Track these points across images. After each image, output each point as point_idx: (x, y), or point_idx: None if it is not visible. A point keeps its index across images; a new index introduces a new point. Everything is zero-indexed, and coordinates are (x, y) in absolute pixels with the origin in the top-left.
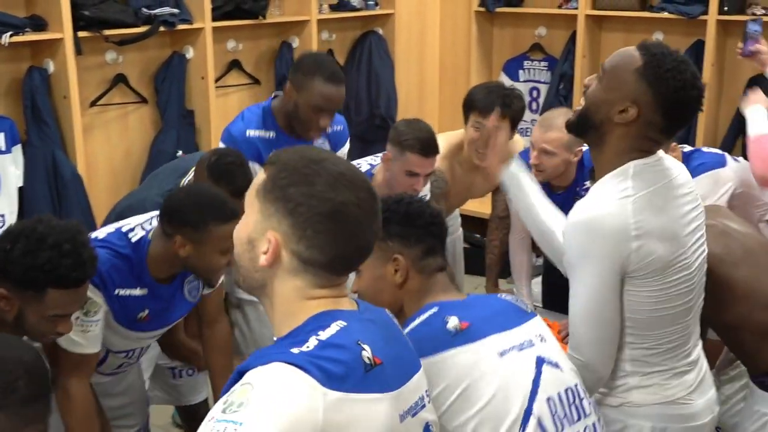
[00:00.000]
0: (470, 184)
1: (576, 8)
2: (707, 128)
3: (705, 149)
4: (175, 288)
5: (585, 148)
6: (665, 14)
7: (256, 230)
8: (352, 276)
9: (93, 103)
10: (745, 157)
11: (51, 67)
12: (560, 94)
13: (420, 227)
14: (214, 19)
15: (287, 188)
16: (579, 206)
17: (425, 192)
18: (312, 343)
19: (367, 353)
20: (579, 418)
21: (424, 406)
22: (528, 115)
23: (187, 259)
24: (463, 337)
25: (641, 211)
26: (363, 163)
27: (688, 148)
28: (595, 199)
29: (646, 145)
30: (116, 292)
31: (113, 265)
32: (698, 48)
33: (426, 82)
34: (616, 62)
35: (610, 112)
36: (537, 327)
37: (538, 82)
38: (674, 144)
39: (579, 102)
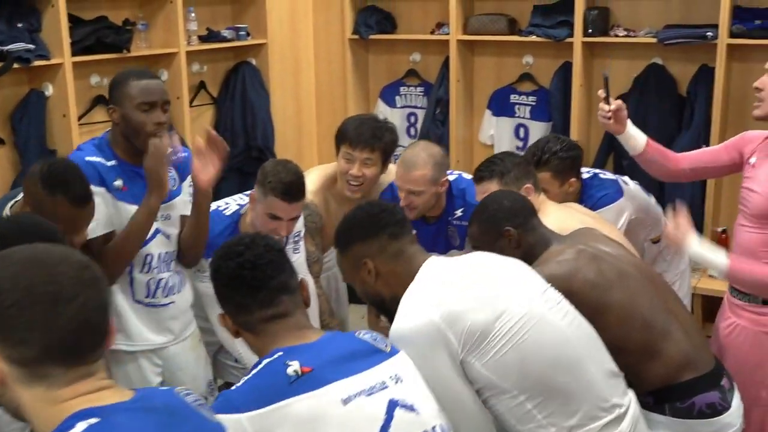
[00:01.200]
0: None
1: (448, 33)
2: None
3: (601, 174)
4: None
5: (452, 177)
6: (533, 38)
7: None
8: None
9: None
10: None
11: None
12: (437, 119)
13: (222, 286)
14: (74, 54)
15: None
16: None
17: (298, 228)
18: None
19: None
20: None
21: None
22: (407, 140)
23: None
24: (303, 384)
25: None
26: (231, 203)
27: (585, 176)
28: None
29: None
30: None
31: None
32: (566, 69)
33: (303, 112)
34: None
35: None
36: (394, 367)
37: (415, 107)
38: (572, 179)
39: (455, 125)
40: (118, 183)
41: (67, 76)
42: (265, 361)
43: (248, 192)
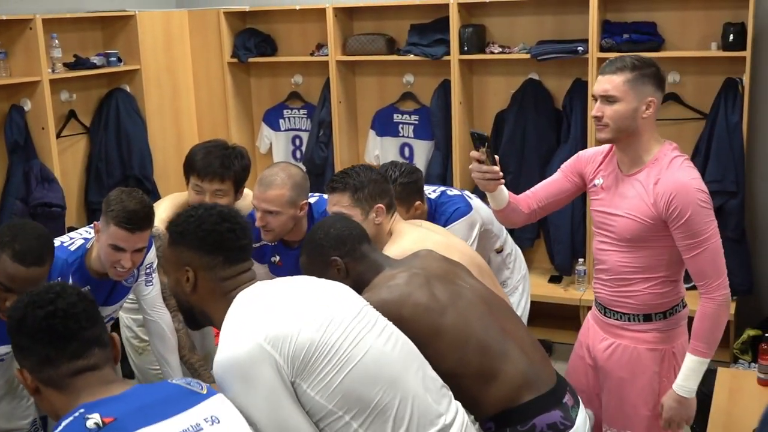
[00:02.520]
0: None
1: (327, 55)
2: (462, 163)
3: (449, 191)
4: None
5: (312, 200)
6: (411, 56)
7: None
8: None
9: None
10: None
11: None
12: (321, 141)
13: (27, 336)
14: None
15: None
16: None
17: (151, 259)
18: None
19: None
20: None
21: None
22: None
23: None
24: None
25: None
26: (77, 237)
27: (433, 195)
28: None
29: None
30: None
31: None
32: (446, 87)
33: (184, 139)
34: None
35: None
36: (210, 409)
37: (299, 130)
38: (417, 203)
39: (339, 147)
40: None
41: None
42: (64, 422)
43: (94, 222)
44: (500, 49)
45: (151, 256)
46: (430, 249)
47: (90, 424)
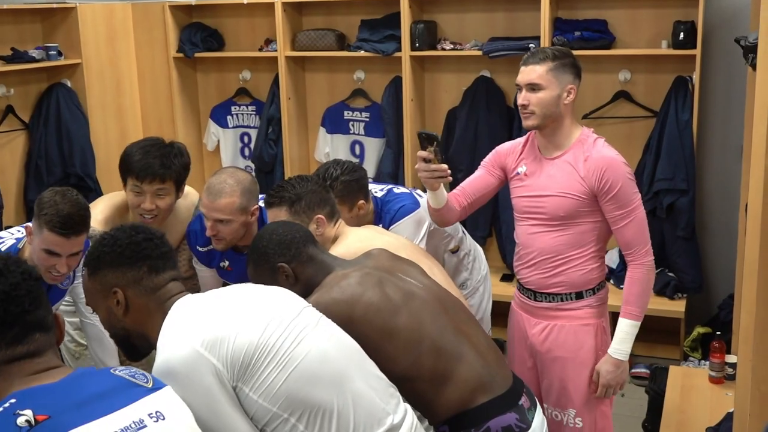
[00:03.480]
0: None
1: (276, 51)
2: (414, 162)
3: (396, 189)
4: None
5: (261, 204)
6: (362, 52)
7: None
8: None
9: None
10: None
11: None
12: (270, 138)
13: None
14: None
15: None
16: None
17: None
18: None
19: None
20: None
21: None
22: (241, 162)
23: None
24: None
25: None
26: (7, 237)
27: (380, 193)
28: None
29: None
30: None
31: None
32: (398, 84)
33: (128, 135)
34: None
35: None
36: (155, 404)
37: (248, 127)
38: (361, 202)
39: (288, 144)
40: None
41: None
42: None
43: (26, 224)
44: (452, 46)
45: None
46: (382, 248)
47: (21, 421)
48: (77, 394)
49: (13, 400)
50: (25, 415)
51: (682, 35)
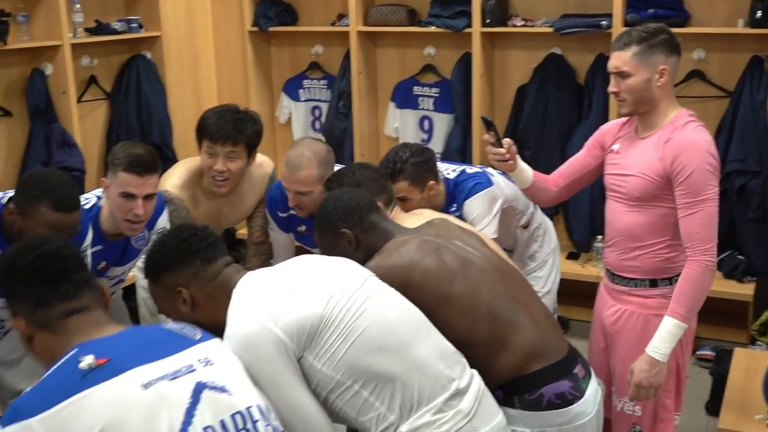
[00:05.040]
0: (218, 212)
1: (348, 25)
2: (482, 138)
3: (468, 169)
4: None
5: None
6: (433, 28)
7: None
8: None
9: None
10: None
11: None
12: (340, 112)
13: (18, 281)
14: None
15: None
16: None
17: (163, 224)
18: None
19: None
20: None
21: None
22: (311, 135)
23: None
24: (98, 375)
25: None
26: (91, 197)
27: (452, 174)
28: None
29: None
30: None
31: None
32: (467, 60)
33: (203, 107)
34: None
35: None
36: (203, 351)
37: (319, 100)
38: (431, 183)
39: (359, 118)
40: None
41: None
42: (58, 363)
43: (102, 179)
44: (523, 22)
45: (163, 220)
46: (446, 218)
47: (83, 365)
48: (133, 343)
49: (75, 350)
50: (87, 360)
51: (759, 13)
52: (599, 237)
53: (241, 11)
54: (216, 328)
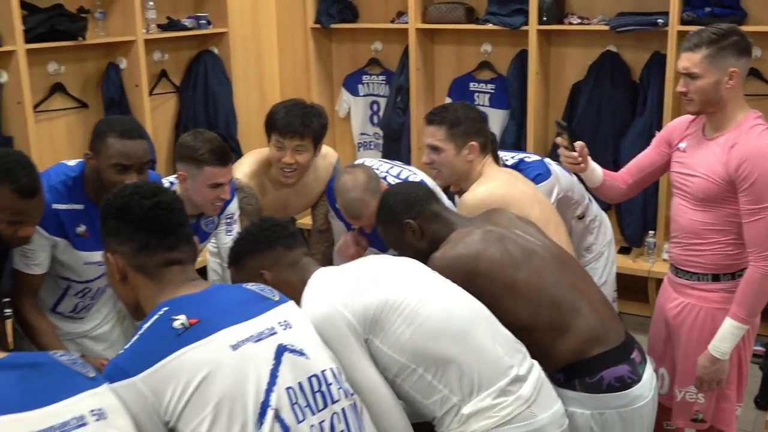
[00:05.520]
0: (285, 201)
1: (407, 23)
2: (536, 132)
3: (527, 158)
4: None
5: (384, 183)
6: (490, 26)
7: None
8: None
9: None
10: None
11: None
12: (398, 107)
13: (129, 222)
14: (28, 41)
15: None
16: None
17: (233, 210)
18: None
19: None
20: (325, 406)
21: (83, 425)
22: (370, 129)
23: None
24: (191, 334)
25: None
26: (166, 183)
27: (510, 161)
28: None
29: None
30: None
31: None
32: (523, 57)
33: (267, 101)
34: None
35: None
36: (284, 314)
37: (378, 95)
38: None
39: (416, 113)
40: (81, 229)
41: (20, 63)
42: (151, 320)
43: (178, 173)
44: (579, 20)
45: (233, 206)
46: (504, 209)
47: (177, 324)
48: (219, 303)
49: (166, 308)
50: (180, 319)
51: None
52: (651, 232)
53: (304, 8)
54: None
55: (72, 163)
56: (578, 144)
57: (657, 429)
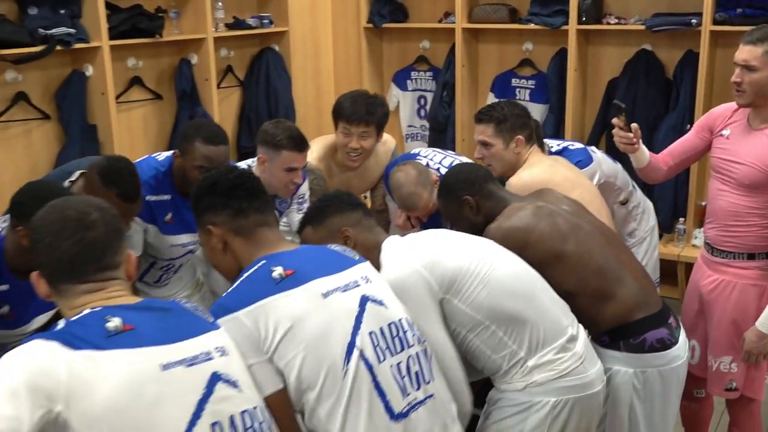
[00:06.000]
0: (348, 183)
1: (454, 22)
2: (574, 126)
3: (570, 146)
4: None
5: (434, 175)
6: (532, 26)
7: None
8: None
9: None
10: (607, 150)
11: None
12: (444, 101)
13: (221, 194)
14: (112, 38)
15: None
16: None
17: (303, 191)
18: (60, 325)
19: (113, 322)
20: (402, 349)
21: (210, 359)
22: (417, 121)
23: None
24: (288, 282)
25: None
26: (242, 165)
27: (555, 147)
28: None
29: None
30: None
31: None
32: (563, 55)
33: (322, 95)
34: None
35: None
36: (364, 270)
37: (425, 90)
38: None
39: (461, 107)
40: (168, 217)
41: (105, 58)
42: (250, 270)
43: (259, 156)
44: (616, 20)
45: (304, 188)
46: (552, 189)
47: (275, 274)
48: (310, 258)
49: (263, 261)
50: (278, 270)
51: None
52: (681, 219)
53: (357, 9)
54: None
55: (161, 157)
56: (633, 126)
57: (686, 396)
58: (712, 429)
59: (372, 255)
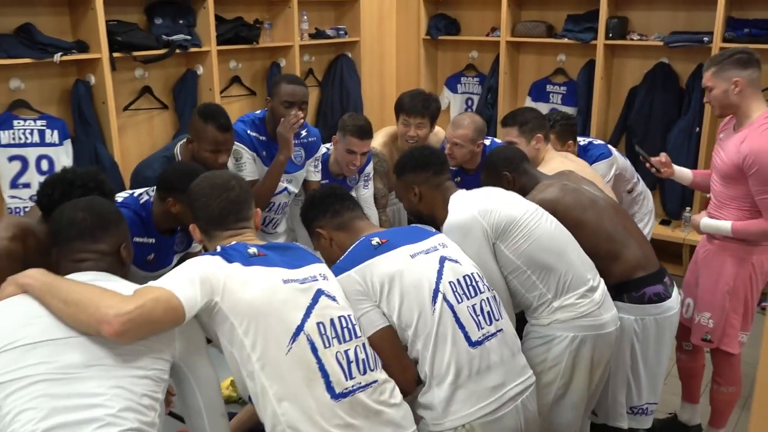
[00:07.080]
0: None
1: (499, 36)
2: (599, 127)
3: (594, 141)
4: (173, 240)
5: (487, 141)
6: (566, 40)
7: None
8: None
9: (125, 108)
10: (625, 148)
11: (92, 80)
12: (488, 103)
13: (319, 204)
14: (219, 44)
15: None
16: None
17: (369, 170)
18: (218, 249)
19: (252, 249)
20: (476, 294)
21: (315, 280)
22: None
23: (178, 216)
24: (383, 248)
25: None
26: (323, 148)
27: (582, 142)
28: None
29: None
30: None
31: (130, 219)
32: (591, 66)
33: (386, 95)
34: None
35: None
36: (440, 238)
37: (472, 93)
38: (570, 142)
39: (502, 108)
40: (264, 153)
41: (213, 61)
42: (354, 244)
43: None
44: (638, 37)
45: (370, 167)
46: (573, 171)
47: (374, 242)
48: (398, 231)
49: (364, 237)
50: (375, 239)
51: None
52: (688, 208)
53: (418, 23)
54: (431, 218)
55: (258, 112)
56: (662, 154)
57: (678, 347)
58: (704, 384)
59: (437, 210)
